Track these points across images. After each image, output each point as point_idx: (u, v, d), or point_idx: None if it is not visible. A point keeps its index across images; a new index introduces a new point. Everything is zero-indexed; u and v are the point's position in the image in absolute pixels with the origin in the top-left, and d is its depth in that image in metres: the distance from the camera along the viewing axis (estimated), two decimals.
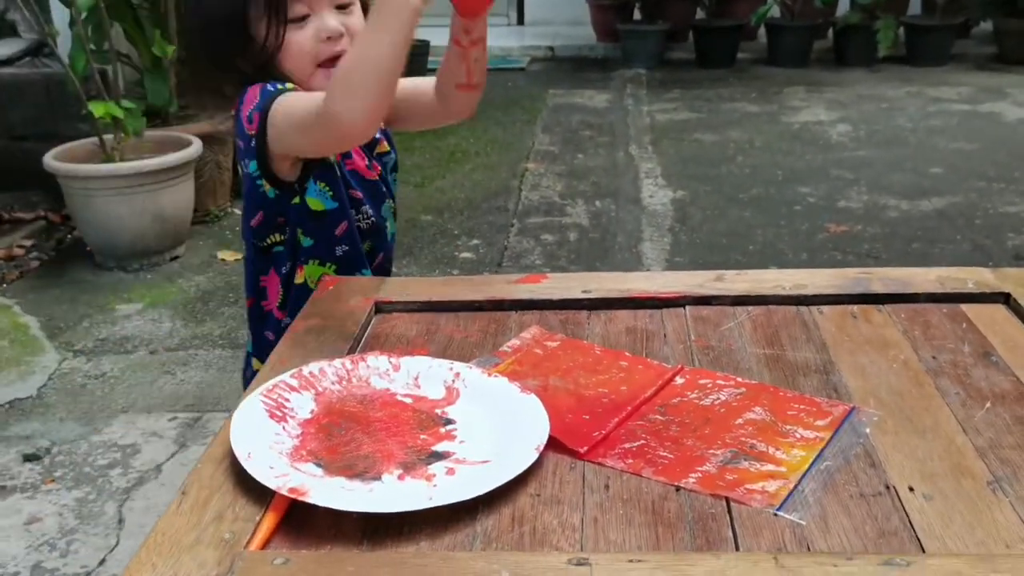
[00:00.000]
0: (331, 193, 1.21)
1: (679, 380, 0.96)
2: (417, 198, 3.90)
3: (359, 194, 1.25)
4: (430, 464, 0.81)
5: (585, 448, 0.84)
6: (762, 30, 6.37)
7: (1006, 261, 3.14)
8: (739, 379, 0.96)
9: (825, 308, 1.11)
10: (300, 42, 1.16)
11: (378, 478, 0.78)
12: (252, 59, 1.18)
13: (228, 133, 3.73)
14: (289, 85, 1.15)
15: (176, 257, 3.38)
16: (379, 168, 1.29)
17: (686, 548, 0.72)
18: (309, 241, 1.23)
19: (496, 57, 6.36)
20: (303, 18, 1.16)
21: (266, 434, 0.82)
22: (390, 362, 0.95)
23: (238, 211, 3.82)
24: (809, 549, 0.72)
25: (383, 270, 1.32)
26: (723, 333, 1.06)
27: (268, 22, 1.14)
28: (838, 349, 1.02)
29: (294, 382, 0.90)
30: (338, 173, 1.22)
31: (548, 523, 0.75)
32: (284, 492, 0.74)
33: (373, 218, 1.26)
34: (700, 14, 6.50)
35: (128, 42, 3.70)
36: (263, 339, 1.28)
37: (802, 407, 0.91)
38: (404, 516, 0.74)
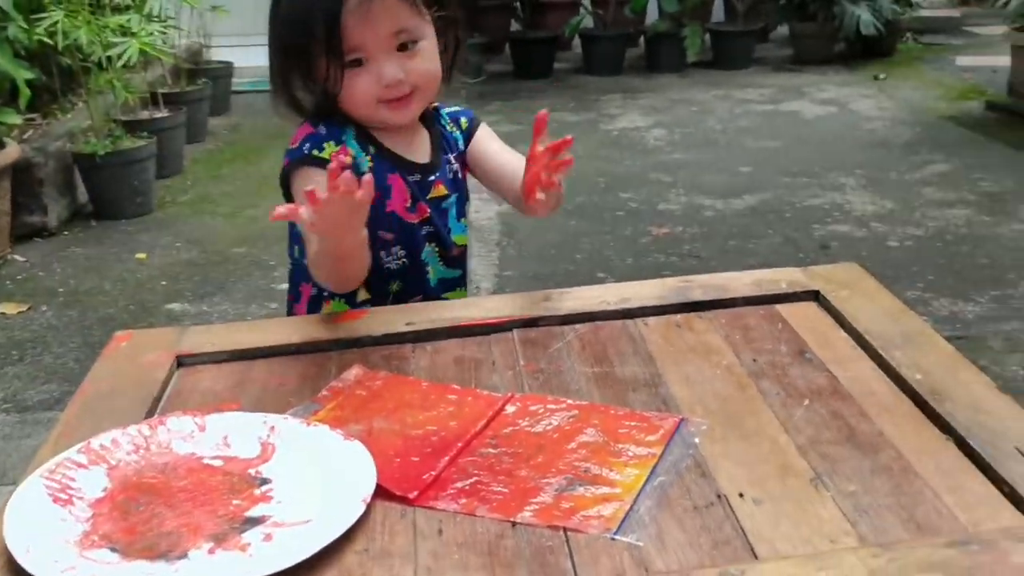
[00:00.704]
0: None
1: (510, 408, 0.93)
2: (228, 229, 3.71)
3: (389, 236, 1.21)
4: (244, 532, 0.74)
5: (415, 493, 0.80)
6: (577, 40, 6.54)
7: (814, 251, 3.34)
8: (570, 401, 0.94)
9: (650, 320, 1.11)
10: (360, 87, 1.15)
11: (184, 556, 0.71)
12: (314, 94, 1.18)
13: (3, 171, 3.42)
14: (327, 152, 1.15)
15: None
16: (427, 211, 1.23)
17: None
18: None
19: None
20: (360, 62, 1.14)
21: (49, 521, 0.73)
22: (195, 422, 0.87)
23: (20, 257, 3.48)
24: (647, 570, 0.71)
25: None
26: (552, 355, 1.04)
27: (327, 64, 1.13)
28: (664, 360, 1.02)
29: (81, 458, 0.80)
30: (369, 214, 1.11)
31: None
32: None
33: (405, 260, 1.22)
34: (515, 26, 6.60)
35: None
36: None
37: (633, 424, 0.90)
38: None
